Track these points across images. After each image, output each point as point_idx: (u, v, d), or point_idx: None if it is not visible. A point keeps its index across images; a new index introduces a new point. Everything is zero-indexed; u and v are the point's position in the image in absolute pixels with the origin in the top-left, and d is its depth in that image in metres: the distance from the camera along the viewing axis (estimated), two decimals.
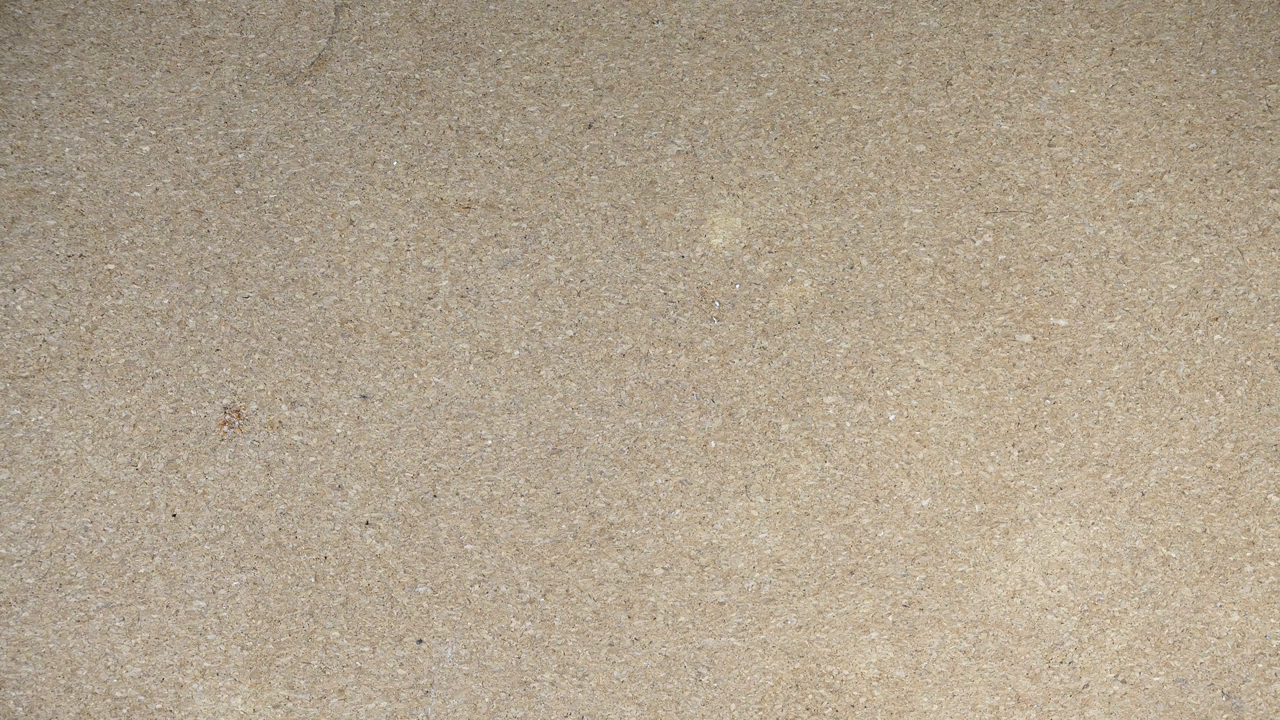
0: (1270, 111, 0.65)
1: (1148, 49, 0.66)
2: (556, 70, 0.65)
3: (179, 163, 0.65)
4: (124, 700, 0.62)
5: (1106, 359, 0.64)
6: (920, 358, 0.64)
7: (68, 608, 0.63)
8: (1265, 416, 0.63)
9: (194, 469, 0.63)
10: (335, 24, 0.66)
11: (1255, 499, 0.63)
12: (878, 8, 0.66)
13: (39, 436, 0.63)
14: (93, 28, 0.65)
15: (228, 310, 0.64)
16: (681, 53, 0.65)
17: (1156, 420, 0.63)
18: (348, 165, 0.64)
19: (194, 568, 0.63)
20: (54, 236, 0.64)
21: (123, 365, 0.64)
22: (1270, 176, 0.65)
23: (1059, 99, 0.65)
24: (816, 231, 0.64)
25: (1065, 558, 0.63)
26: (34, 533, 0.63)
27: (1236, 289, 0.64)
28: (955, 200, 0.64)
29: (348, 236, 0.64)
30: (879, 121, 0.65)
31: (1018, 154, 0.65)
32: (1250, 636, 0.63)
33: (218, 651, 0.62)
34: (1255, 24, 0.66)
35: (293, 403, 0.63)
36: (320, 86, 0.65)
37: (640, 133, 0.65)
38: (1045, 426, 0.63)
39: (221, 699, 0.62)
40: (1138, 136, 0.65)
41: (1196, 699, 0.62)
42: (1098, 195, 0.65)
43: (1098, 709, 0.62)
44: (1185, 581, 0.63)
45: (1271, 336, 0.64)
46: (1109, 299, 0.64)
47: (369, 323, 0.64)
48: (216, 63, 0.65)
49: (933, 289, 0.64)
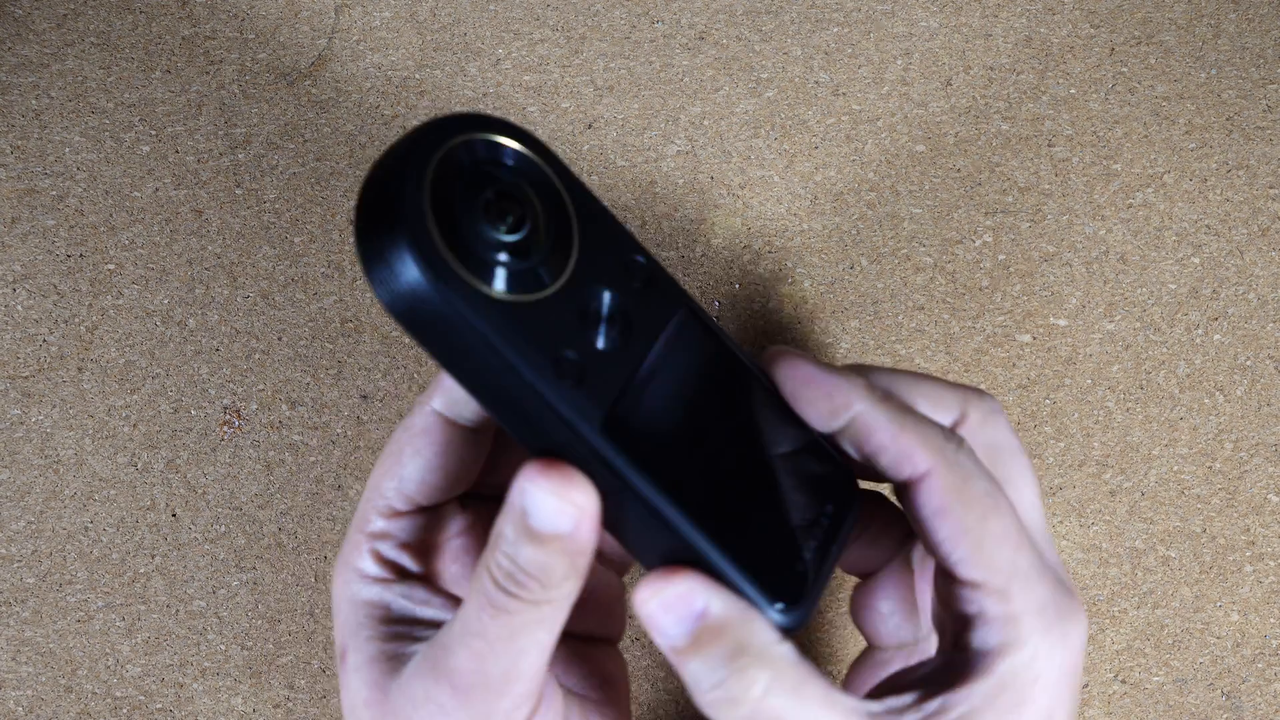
0: (1270, 111, 0.65)
1: (1148, 49, 0.66)
2: (556, 70, 0.65)
3: (179, 163, 0.65)
4: (124, 700, 0.62)
5: (1106, 359, 0.64)
6: (920, 358, 0.64)
7: (68, 608, 0.63)
8: (1265, 416, 0.63)
9: (194, 469, 0.63)
10: (335, 24, 0.66)
11: (1255, 499, 0.63)
12: (878, 8, 0.66)
13: (39, 436, 0.63)
14: (93, 28, 0.65)
15: (228, 310, 0.64)
16: (681, 53, 0.65)
17: (1156, 420, 0.63)
18: (348, 165, 0.64)
19: (194, 567, 0.63)
20: (54, 236, 0.64)
21: (123, 365, 0.64)
22: (1270, 176, 0.65)
23: (1059, 99, 0.65)
24: (816, 231, 0.64)
25: (1065, 558, 0.63)
26: (34, 533, 0.63)
27: (1236, 289, 0.64)
28: (955, 200, 0.64)
29: (348, 236, 0.64)
30: (879, 121, 0.65)
31: (1018, 154, 0.65)
32: (1250, 636, 0.63)
33: (218, 651, 0.62)
34: (1255, 24, 0.66)
35: (293, 403, 0.63)
36: (320, 86, 0.65)
37: (640, 132, 0.65)
38: (1044, 426, 0.63)
39: (222, 699, 0.62)
40: (1138, 136, 0.65)
41: (1196, 699, 0.62)
42: (1097, 195, 0.65)
43: (1097, 709, 0.62)
44: (1185, 581, 0.63)
45: (1271, 336, 0.64)
46: (1109, 299, 0.64)
47: (369, 323, 0.64)
48: (216, 63, 0.65)
49: (932, 289, 0.64)
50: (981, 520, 0.44)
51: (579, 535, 0.41)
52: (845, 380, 0.45)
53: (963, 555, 0.44)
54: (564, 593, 0.42)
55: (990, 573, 0.44)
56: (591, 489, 0.42)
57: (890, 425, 0.45)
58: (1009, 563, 0.44)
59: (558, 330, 0.41)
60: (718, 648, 0.42)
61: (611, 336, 0.42)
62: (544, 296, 0.41)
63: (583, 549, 0.42)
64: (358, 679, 0.46)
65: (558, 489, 0.41)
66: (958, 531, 0.44)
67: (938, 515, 0.44)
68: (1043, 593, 0.44)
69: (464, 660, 0.43)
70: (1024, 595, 0.44)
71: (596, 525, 0.42)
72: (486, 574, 0.42)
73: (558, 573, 0.42)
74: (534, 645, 0.43)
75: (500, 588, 0.42)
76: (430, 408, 0.47)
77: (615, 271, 0.43)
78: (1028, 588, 0.44)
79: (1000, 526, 0.44)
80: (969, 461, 0.45)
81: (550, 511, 0.41)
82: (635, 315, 0.43)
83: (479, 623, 0.43)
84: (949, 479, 0.44)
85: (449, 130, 0.41)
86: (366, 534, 0.47)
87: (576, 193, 0.43)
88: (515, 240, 0.41)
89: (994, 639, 0.44)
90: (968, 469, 0.45)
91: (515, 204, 0.41)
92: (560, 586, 0.42)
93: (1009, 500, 0.45)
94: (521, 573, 0.42)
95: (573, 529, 0.41)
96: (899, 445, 0.44)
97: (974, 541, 0.44)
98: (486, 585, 0.42)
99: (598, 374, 0.41)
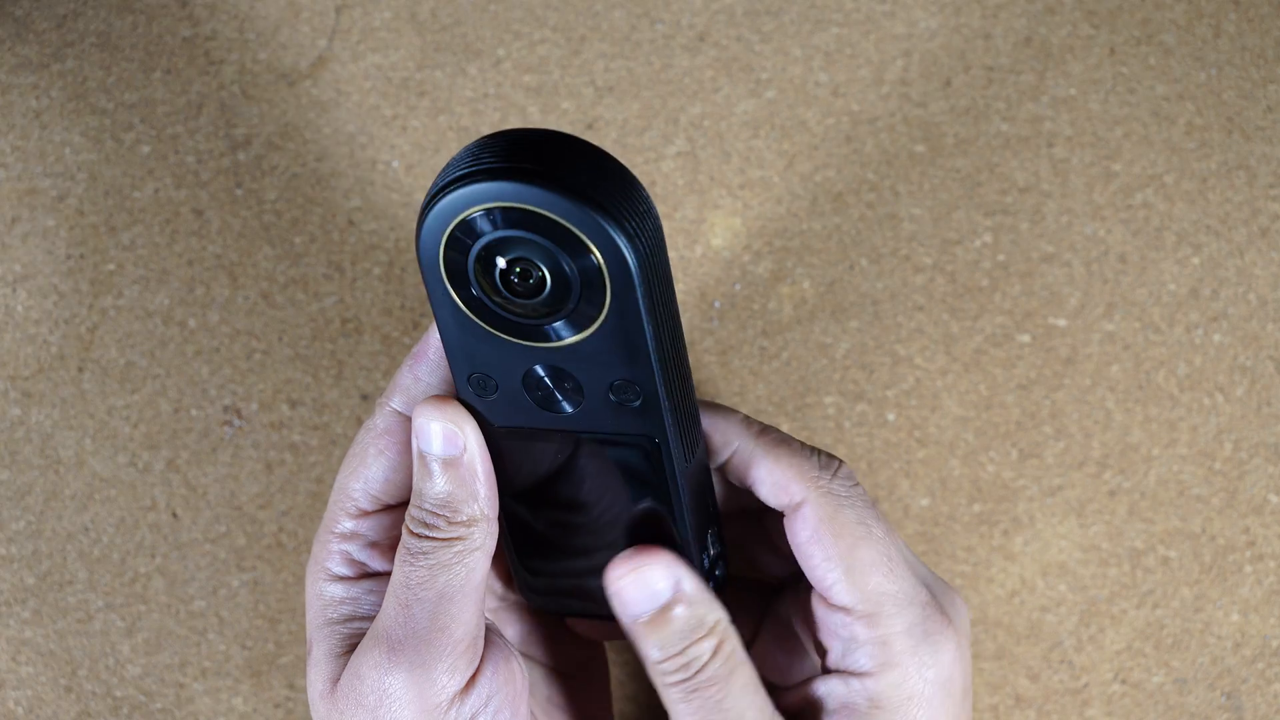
0: (1270, 111, 0.65)
1: (1148, 49, 0.66)
2: (556, 70, 0.65)
3: (179, 163, 0.65)
4: (124, 700, 0.62)
5: (1106, 359, 0.64)
6: (920, 358, 0.64)
7: (68, 608, 0.63)
8: (1265, 417, 0.63)
9: (194, 469, 0.63)
10: (335, 24, 0.66)
11: (1255, 499, 0.63)
12: (878, 8, 0.66)
13: (39, 436, 0.63)
14: (93, 28, 0.65)
15: (228, 310, 0.64)
16: (681, 53, 0.65)
17: (1156, 420, 0.63)
18: (348, 165, 0.64)
19: (194, 567, 0.63)
20: (54, 236, 0.64)
21: (123, 365, 0.64)
22: (1270, 176, 0.65)
23: (1059, 99, 0.65)
24: (816, 231, 0.64)
25: (1064, 558, 0.63)
26: (34, 533, 0.63)
27: (1236, 289, 0.64)
28: (955, 201, 0.64)
29: (348, 236, 0.64)
30: (879, 121, 0.65)
31: (1017, 154, 0.65)
32: (1250, 636, 0.63)
33: (218, 651, 0.62)
34: (1255, 24, 0.66)
35: (293, 403, 0.64)
36: (320, 87, 0.65)
37: (640, 133, 0.65)
38: (1044, 426, 0.63)
39: (222, 699, 0.62)
40: (1137, 137, 0.65)
41: (1196, 699, 0.62)
42: (1097, 195, 0.65)
43: (1097, 709, 0.62)
44: (1185, 581, 0.63)
45: (1271, 336, 0.64)
46: (1108, 299, 0.64)
47: (369, 323, 0.64)
48: (217, 63, 0.65)
49: (932, 289, 0.64)
50: (851, 549, 0.46)
51: (469, 459, 0.45)
52: (723, 419, 0.48)
53: (834, 580, 0.47)
54: (474, 533, 0.45)
55: (860, 599, 0.46)
56: (470, 418, 0.45)
57: (766, 458, 0.48)
58: (877, 589, 0.46)
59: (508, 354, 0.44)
60: (680, 622, 0.45)
61: (536, 398, 0.45)
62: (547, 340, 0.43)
63: (474, 473, 0.45)
64: (316, 672, 0.48)
65: (443, 414, 0.45)
66: (830, 558, 0.47)
67: (810, 543, 0.47)
68: (912, 614, 0.47)
69: (392, 615, 0.45)
70: (893, 619, 0.47)
71: (484, 451, 0.45)
72: (405, 530, 0.46)
73: (459, 500, 0.45)
74: (456, 588, 0.45)
75: (415, 534, 0.45)
76: (391, 407, 0.48)
77: (614, 378, 0.44)
78: (898, 611, 0.46)
79: (870, 554, 0.47)
80: (842, 489, 0.47)
81: (439, 436, 0.45)
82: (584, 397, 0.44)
83: (401, 574, 0.45)
84: (822, 508, 0.47)
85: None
86: (335, 534, 0.49)
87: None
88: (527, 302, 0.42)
89: (867, 662, 0.47)
90: (840, 498, 0.47)
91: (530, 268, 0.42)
92: (466, 522, 0.45)
93: (882, 526, 0.48)
94: (429, 514, 0.45)
95: (461, 450, 0.45)
96: (774, 477, 0.47)
97: (845, 568, 0.46)
98: (406, 539, 0.45)
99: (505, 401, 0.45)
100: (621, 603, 0.46)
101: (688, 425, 0.45)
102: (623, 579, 0.46)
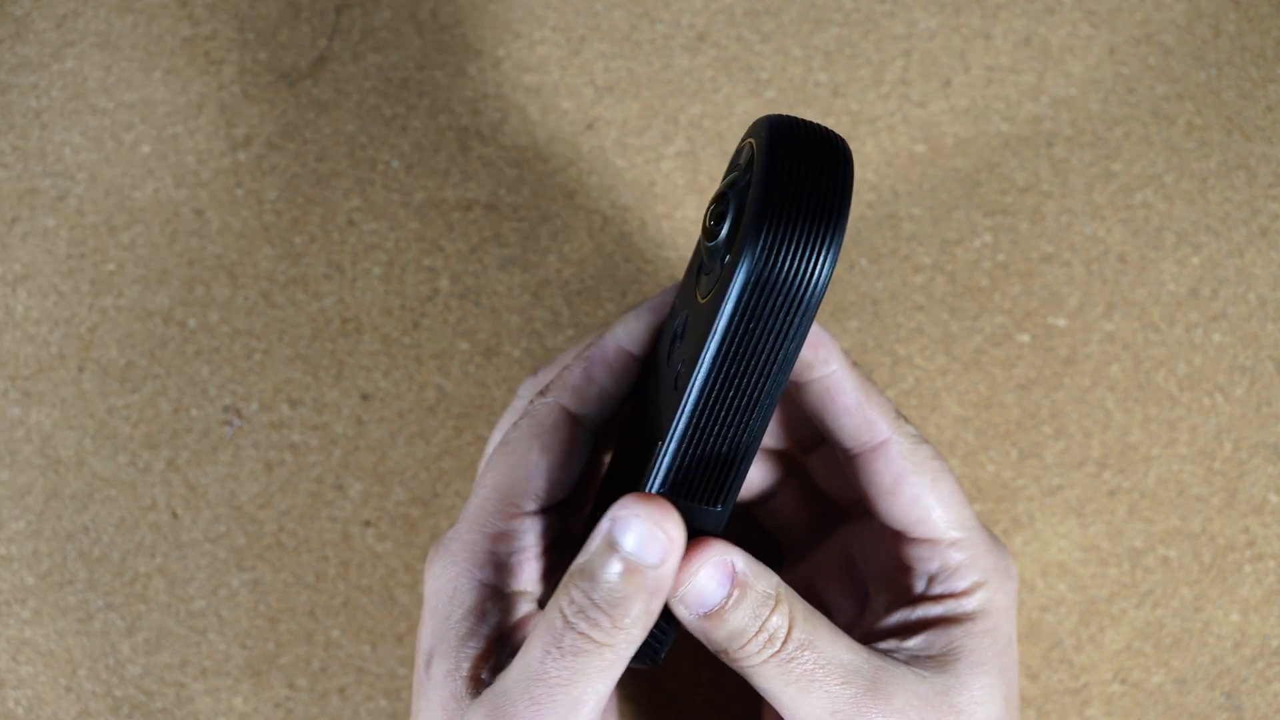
0: (1270, 111, 0.65)
1: (1148, 49, 0.66)
2: (556, 70, 0.65)
3: (179, 163, 0.65)
4: (124, 700, 0.62)
5: (1105, 359, 0.64)
6: (919, 358, 0.64)
7: (68, 608, 0.63)
8: (1265, 416, 0.63)
9: (194, 469, 0.63)
10: (336, 24, 0.66)
11: (1255, 499, 0.63)
12: (878, 8, 0.66)
13: (39, 436, 0.63)
14: (93, 28, 0.65)
15: (228, 310, 0.64)
16: (681, 53, 0.65)
17: (1155, 420, 0.63)
18: (348, 165, 0.64)
19: (194, 567, 0.63)
20: (54, 236, 0.64)
21: (123, 365, 0.64)
22: (1270, 176, 0.65)
23: (1059, 99, 0.65)
24: None
25: (1064, 557, 0.63)
26: (34, 533, 0.63)
27: (1235, 289, 0.64)
28: (954, 201, 0.64)
29: (348, 236, 0.64)
30: (879, 121, 0.65)
31: (1017, 154, 0.65)
32: (1250, 636, 0.63)
33: (218, 651, 0.62)
34: (1255, 24, 0.66)
35: (293, 403, 0.64)
36: (320, 87, 0.65)
37: (640, 133, 0.65)
38: (1044, 426, 0.63)
39: (222, 698, 0.62)
40: (1137, 136, 0.65)
41: (1196, 699, 0.62)
42: (1097, 195, 0.65)
43: (1097, 709, 0.62)
44: (1184, 581, 0.63)
45: (1271, 336, 0.64)
46: (1108, 299, 0.64)
47: (369, 323, 0.64)
48: (217, 63, 0.65)
49: (932, 289, 0.64)
50: (935, 483, 0.49)
51: (664, 571, 0.41)
52: (826, 339, 0.49)
53: (924, 513, 0.48)
54: (630, 638, 0.42)
55: (949, 528, 0.49)
56: (683, 525, 0.42)
57: (857, 390, 0.48)
58: (965, 517, 0.49)
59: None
60: (751, 596, 0.44)
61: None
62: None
63: (661, 587, 0.42)
64: (437, 694, 0.45)
65: (654, 517, 0.41)
66: (916, 495, 0.48)
67: (898, 480, 0.48)
68: (987, 538, 0.50)
69: (522, 709, 0.42)
70: (977, 544, 0.49)
71: (677, 568, 0.42)
72: (557, 613, 0.42)
73: (632, 611, 0.41)
74: (591, 694, 0.42)
75: (569, 624, 0.41)
76: (558, 403, 0.46)
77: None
78: (980, 536, 0.49)
79: (949, 487, 0.49)
80: (912, 430, 0.49)
81: (643, 538, 0.41)
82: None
83: (541, 665, 0.42)
84: (905, 446, 0.48)
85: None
86: (488, 534, 0.46)
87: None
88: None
89: (962, 583, 0.49)
90: (914, 437, 0.49)
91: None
92: (629, 629, 0.42)
93: (945, 463, 0.50)
94: (594, 607, 0.41)
95: (660, 561, 0.41)
96: (863, 412, 0.48)
97: (932, 503, 0.48)
98: (555, 624, 0.42)
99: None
100: (686, 605, 0.44)
101: (699, 470, 0.42)
102: (694, 578, 0.43)
